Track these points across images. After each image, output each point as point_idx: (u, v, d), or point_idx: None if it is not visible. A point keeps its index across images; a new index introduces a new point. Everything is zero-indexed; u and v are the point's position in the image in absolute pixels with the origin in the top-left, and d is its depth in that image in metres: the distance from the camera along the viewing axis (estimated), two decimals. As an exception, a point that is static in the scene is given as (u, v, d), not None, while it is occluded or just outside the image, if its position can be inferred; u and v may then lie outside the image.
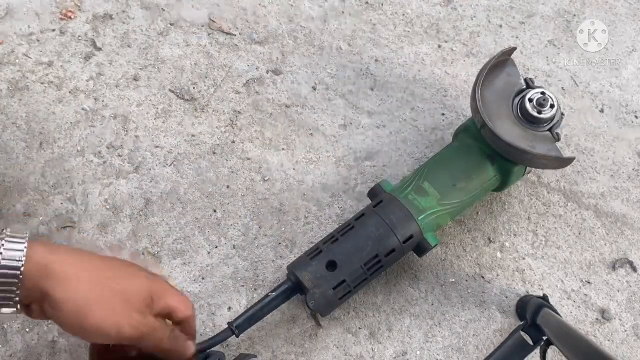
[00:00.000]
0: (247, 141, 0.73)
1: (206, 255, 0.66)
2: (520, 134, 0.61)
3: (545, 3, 0.86)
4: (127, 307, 0.41)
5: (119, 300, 0.41)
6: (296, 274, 0.56)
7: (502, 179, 0.64)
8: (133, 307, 0.42)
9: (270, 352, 0.62)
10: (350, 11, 0.83)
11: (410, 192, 0.60)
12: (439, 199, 0.60)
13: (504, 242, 0.70)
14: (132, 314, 0.42)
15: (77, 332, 0.41)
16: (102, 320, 0.40)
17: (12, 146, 0.70)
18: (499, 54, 0.63)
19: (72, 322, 0.39)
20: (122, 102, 0.74)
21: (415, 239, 0.59)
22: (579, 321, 0.66)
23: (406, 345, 0.63)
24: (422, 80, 0.79)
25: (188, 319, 0.48)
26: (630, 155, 0.76)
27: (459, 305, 0.66)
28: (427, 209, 0.60)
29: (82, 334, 0.41)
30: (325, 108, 0.77)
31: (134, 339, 0.42)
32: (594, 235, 0.71)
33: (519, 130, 0.61)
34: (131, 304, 0.42)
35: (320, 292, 0.55)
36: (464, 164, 0.63)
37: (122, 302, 0.41)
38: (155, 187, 0.70)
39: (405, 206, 0.59)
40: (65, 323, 0.40)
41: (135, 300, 0.42)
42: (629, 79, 0.81)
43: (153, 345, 0.45)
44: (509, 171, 0.63)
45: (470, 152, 0.63)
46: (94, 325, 0.39)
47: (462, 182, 0.61)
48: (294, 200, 0.70)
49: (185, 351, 0.48)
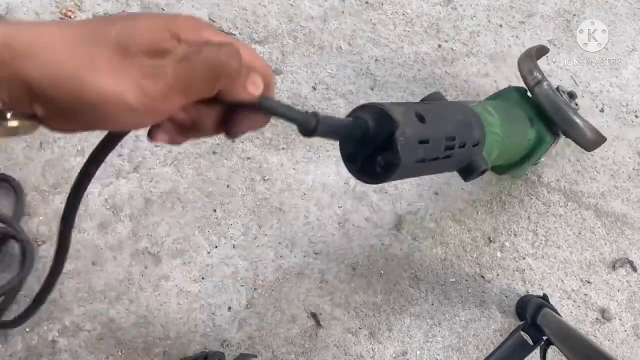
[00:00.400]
0: (247, 141, 0.73)
1: (206, 255, 0.66)
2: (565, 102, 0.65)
3: (545, 3, 0.86)
4: (129, 60, 0.28)
5: (115, 55, 0.28)
6: (385, 107, 0.42)
7: (532, 146, 0.65)
8: (140, 52, 0.28)
9: (270, 352, 0.62)
10: (350, 11, 0.83)
11: (478, 106, 0.58)
12: (499, 124, 0.59)
13: (504, 242, 0.70)
14: (142, 64, 0.28)
15: (83, 125, 0.29)
16: (101, 92, 0.28)
17: (12, 146, 0.70)
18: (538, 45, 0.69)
19: (66, 109, 0.28)
20: (122, 102, 0.74)
21: (478, 149, 0.52)
22: (579, 321, 0.66)
23: (406, 345, 0.63)
24: (422, 79, 0.79)
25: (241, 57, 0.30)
26: (631, 155, 0.76)
27: (459, 305, 0.66)
28: (491, 125, 0.58)
29: (93, 124, 0.29)
30: (326, 108, 0.76)
31: (166, 97, 0.28)
32: (594, 235, 0.71)
33: (563, 99, 0.65)
34: (138, 50, 0.28)
35: (411, 133, 0.42)
36: (515, 112, 0.64)
37: (121, 55, 0.28)
38: (155, 187, 0.69)
39: (479, 115, 0.55)
40: (59, 116, 0.29)
41: (143, 42, 0.29)
42: (629, 78, 0.81)
43: (202, 84, 0.29)
44: (541, 139, 0.64)
45: (517, 108, 0.65)
46: (95, 104, 0.28)
47: (514, 123, 0.62)
48: (294, 200, 0.70)
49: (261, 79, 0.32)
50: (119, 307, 0.63)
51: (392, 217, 0.70)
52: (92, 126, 0.29)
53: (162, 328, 0.62)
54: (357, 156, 0.44)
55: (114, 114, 0.28)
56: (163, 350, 0.61)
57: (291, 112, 0.32)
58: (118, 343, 0.61)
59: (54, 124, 0.30)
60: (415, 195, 0.72)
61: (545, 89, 0.63)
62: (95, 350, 0.61)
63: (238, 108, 0.32)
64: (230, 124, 0.33)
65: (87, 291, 0.63)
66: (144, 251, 0.66)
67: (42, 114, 0.29)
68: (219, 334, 0.63)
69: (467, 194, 0.72)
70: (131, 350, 0.61)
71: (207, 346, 0.62)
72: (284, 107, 0.32)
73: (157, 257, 0.66)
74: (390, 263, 0.67)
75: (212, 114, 0.32)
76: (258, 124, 0.33)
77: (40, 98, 0.28)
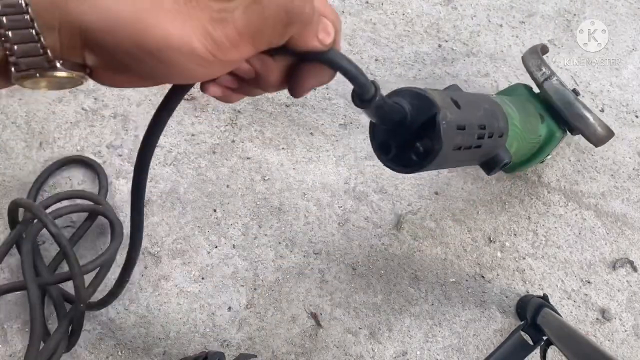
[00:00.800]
0: (247, 141, 0.73)
1: (206, 255, 0.66)
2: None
3: (545, 2, 0.86)
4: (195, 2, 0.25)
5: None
6: (424, 91, 0.40)
7: (543, 142, 0.65)
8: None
9: (270, 352, 0.62)
10: (350, 10, 0.83)
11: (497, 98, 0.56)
12: (518, 117, 0.58)
13: (505, 242, 0.70)
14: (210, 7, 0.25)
15: (139, 77, 0.27)
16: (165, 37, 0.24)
17: (11, 146, 0.70)
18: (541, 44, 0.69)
19: (122, 58, 0.25)
20: (122, 102, 0.74)
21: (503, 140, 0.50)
22: (579, 321, 0.66)
23: (406, 346, 0.63)
24: (422, 79, 0.79)
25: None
26: (631, 155, 0.76)
27: (459, 305, 0.66)
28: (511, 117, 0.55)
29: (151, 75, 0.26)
30: (326, 107, 0.76)
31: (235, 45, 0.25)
32: (594, 235, 0.71)
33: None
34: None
35: (451, 117, 0.40)
36: (528, 107, 0.64)
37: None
38: (155, 187, 0.69)
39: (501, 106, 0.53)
40: (113, 67, 0.26)
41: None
42: (629, 78, 0.81)
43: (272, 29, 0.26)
44: (552, 135, 0.65)
45: (528, 104, 0.65)
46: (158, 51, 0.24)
47: (529, 117, 0.62)
48: (294, 200, 0.70)
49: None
50: (118, 307, 0.62)
51: (392, 217, 0.70)
52: (149, 77, 0.26)
53: (162, 328, 0.62)
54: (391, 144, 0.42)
55: (178, 63, 0.25)
56: (163, 350, 0.61)
57: (357, 72, 0.30)
58: (118, 343, 0.61)
59: (105, 76, 0.27)
60: (415, 195, 0.72)
61: (555, 84, 0.63)
62: (95, 350, 0.61)
63: (305, 60, 0.29)
64: (295, 79, 0.30)
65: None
66: (143, 251, 0.66)
67: (93, 64, 0.26)
68: (218, 334, 0.63)
69: (467, 194, 0.72)
70: (131, 350, 0.61)
71: (207, 346, 0.62)
72: (352, 65, 0.29)
73: (157, 257, 0.66)
74: (390, 263, 0.67)
75: (277, 66, 0.29)
76: (323, 79, 0.31)
77: (95, 45, 0.25)
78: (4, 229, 0.65)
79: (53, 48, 0.24)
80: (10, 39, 0.23)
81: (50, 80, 0.25)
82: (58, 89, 0.26)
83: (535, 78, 0.65)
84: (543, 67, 0.64)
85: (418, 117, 0.39)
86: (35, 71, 0.24)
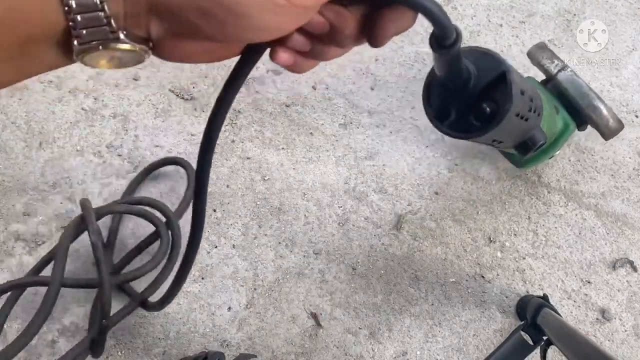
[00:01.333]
0: (247, 140, 0.73)
1: (206, 255, 0.66)
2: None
3: (545, 2, 0.86)
4: None
5: None
6: (494, 53, 0.40)
7: (558, 133, 0.65)
8: None
9: (270, 352, 0.62)
10: (350, 11, 0.83)
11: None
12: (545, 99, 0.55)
13: (505, 242, 0.70)
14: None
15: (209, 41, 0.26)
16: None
17: (11, 146, 0.70)
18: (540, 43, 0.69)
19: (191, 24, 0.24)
20: (122, 102, 0.74)
21: (540, 119, 0.49)
22: (579, 321, 0.66)
23: (406, 346, 0.63)
24: (422, 79, 0.79)
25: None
26: (631, 155, 0.76)
27: (459, 305, 0.66)
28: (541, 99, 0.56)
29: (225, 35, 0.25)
30: (326, 107, 0.76)
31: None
32: (595, 235, 0.71)
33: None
34: None
35: (517, 78, 0.40)
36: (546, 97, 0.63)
37: None
38: (155, 187, 0.69)
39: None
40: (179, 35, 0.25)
41: None
42: (629, 78, 0.81)
43: None
44: (567, 126, 0.64)
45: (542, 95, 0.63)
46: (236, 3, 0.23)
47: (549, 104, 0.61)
48: (294, 200, 0.70)
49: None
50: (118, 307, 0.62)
51: (392, 217, 0.70)
52: (218, 38, 0.25)
53: (162, 328, 0.62)
54: (450, 109, 0.39)
55: (249, 13, 0.23)
56: (163, 350, 0.61)
57: (441, 13, 0.27)
58: (118, 343, 0.61)
59: (169, 46, 0.26)
60: (415, 195, 0.72)
61: (570, 74, 0.63)
62: (95, 350, 0.61)
63: (382, 5, 0.27)
64: (373, 27, 0.28)
65: (87, 291, 0.63)
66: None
67: (158, 35, 0.25)
68: (218, 334, 0.63)
69: (467, 194, 0.72)
70: (131, 350, 0.61)
71: (207, 346, 0.62)
72: (435, 5, 0.27)
73: (157, 257, 0.66)
74: (390, 263, 0.67)
75: (352, 16, 0.27)
76: (405, 23, 0.28)
77: (162, 5, 0.24)
78: (3, 229, 0.65)
79: (116, 17, 0.23)
80: (74, 8, 0.22)
81: (112, 55, 0.25)
82: (118, 66, 0.26)
83: (547, 70, 0.65)
84: (555, 59, 0.64)
85: (482, 78, 0.38)
86: (97, 43, 0.23)
